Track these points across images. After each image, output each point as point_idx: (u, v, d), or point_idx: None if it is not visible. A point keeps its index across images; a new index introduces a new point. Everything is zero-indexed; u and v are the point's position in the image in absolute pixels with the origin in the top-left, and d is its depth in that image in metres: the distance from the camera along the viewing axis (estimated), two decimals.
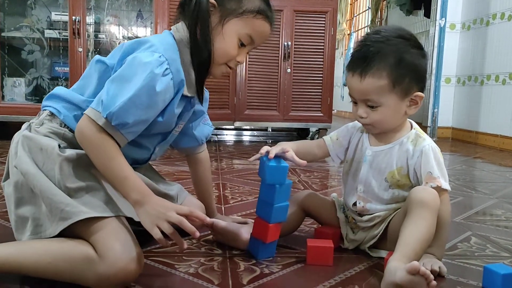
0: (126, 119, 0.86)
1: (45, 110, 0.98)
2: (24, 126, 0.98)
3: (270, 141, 3.60)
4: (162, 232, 0.85)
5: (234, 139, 3.72)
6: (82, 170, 0.90)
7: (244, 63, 3.27)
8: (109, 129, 0.87)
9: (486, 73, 3.77)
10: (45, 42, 3.08)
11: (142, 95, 0.87)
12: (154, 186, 1.05)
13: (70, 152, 0.91)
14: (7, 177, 0.96)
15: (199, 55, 0.97)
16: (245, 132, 4.09)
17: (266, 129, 4.13)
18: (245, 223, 1.18)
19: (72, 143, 0.94)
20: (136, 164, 1.05)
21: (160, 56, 0.89)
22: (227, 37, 0.97)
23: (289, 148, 1.04)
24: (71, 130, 0.94)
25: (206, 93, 1.11)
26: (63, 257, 0.83)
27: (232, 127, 3.59)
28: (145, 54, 0.89)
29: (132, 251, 0.83)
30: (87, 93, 0.97)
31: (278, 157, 1.00)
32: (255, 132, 4.10)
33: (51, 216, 0.86)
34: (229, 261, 1.01)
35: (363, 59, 0.98)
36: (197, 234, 0.84)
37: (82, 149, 0.91)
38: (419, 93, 1.01)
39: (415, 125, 1.08)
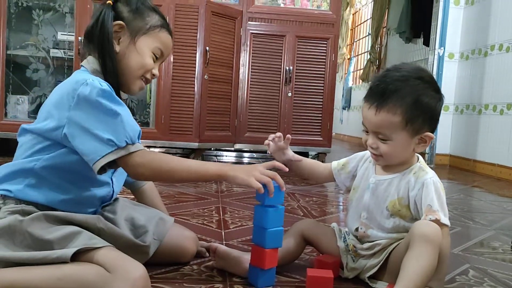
0: (133, 131, 0.93)
1: None
2: None
3: None
4: None
5: (234, 161, 3.74)
6: (53, 223, 0.92)
7: (246, 86, 3.32)
8: (134, 148, 0.92)
9: (484, 102, 3.81)
10: (50, 61, 3.12)
11: (118, 108, 0.93)
12: (126, 237, 1.02)
13: (31, 215, 0.91)
14: None
15: (113, 76, 1.01)
16: (245, 154, 4.10)
17: (265, 152, 4.13)
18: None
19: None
20: (103, 202, 1.06)
21: (93, 80, 0.94)
22: (141, 52, 1.04)
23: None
24: (28, 202, 0.95)
25: None
26: (74, 277, 0.84)
27: (232, 149, 3.61)
28: (87, 86, 0.92)
29: (140, 267, 0.87)
30: (24, 155, 0.97)
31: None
32: (254, 154, 4.11)
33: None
34: None
35: (381, 94, 1.02)
36: (287, 169, 1.02)
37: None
38: (429, 134, 1.04)
39: (421, 159, 1.10)
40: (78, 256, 0.86)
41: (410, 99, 1.00)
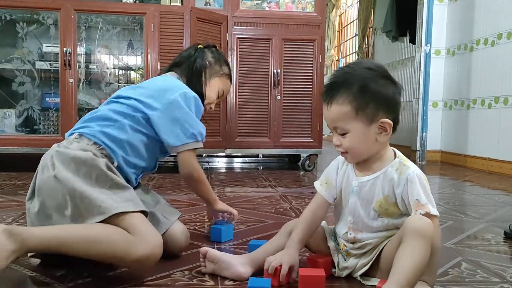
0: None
1: (72, 134, 1.20)
2: (54, 146, 1.16)
3: (261, 167, 3.61)
4: None
5: (226, 166, 3.73)
6: (111, 175, 1.10)
7: (234, 91, 3.32)
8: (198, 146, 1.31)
9: (472, 97, 3.84)
10: (36, 74, 3.09)
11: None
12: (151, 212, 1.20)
13: (101, 160, 1.12)
14: (32, 196, 1.12)
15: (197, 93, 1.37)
16: (236, 159, 4.10)
17: (257, 156, 4.14)
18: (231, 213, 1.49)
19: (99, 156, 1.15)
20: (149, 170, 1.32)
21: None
22: (213, 88, 1.47)
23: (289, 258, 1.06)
24: (95, 143, 1.16)
25: None
26: (105, 238, 0.99)
27: (224, 154, 3.60)
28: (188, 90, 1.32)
29: (158, 235, 1.07)
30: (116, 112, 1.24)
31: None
32: (246, 159, 4.11)
33: (88, 213, 1.03)
34: None
35: (330, 89, 1.04)
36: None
37: (108, 161, 1.14)
38: (386, 120, 1.02)
39: (398, 153, 1.09)
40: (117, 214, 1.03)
41: (356, 87, 1.01)
